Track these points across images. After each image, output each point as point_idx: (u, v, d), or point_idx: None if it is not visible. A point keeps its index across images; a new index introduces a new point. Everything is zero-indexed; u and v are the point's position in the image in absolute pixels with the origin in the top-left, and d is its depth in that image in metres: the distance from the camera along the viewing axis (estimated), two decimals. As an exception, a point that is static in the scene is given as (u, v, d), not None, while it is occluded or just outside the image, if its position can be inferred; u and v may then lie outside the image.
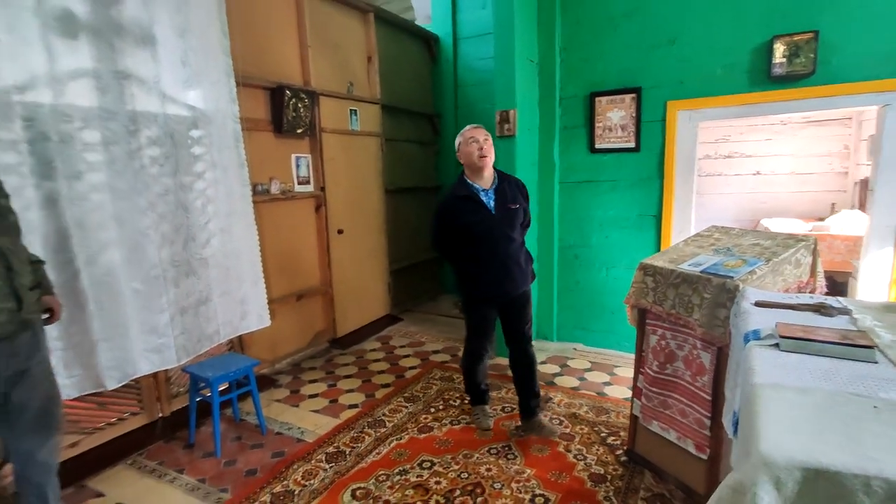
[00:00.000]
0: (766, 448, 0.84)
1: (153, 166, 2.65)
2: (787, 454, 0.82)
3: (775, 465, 0.81)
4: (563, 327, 3.91)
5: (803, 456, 0.81)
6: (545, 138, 3.69)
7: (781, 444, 0.84)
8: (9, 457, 1.95)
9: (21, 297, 1.71)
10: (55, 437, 1.95)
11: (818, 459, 0.80)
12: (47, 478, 1.95)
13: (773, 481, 0.81)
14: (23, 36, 2.12)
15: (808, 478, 0.80)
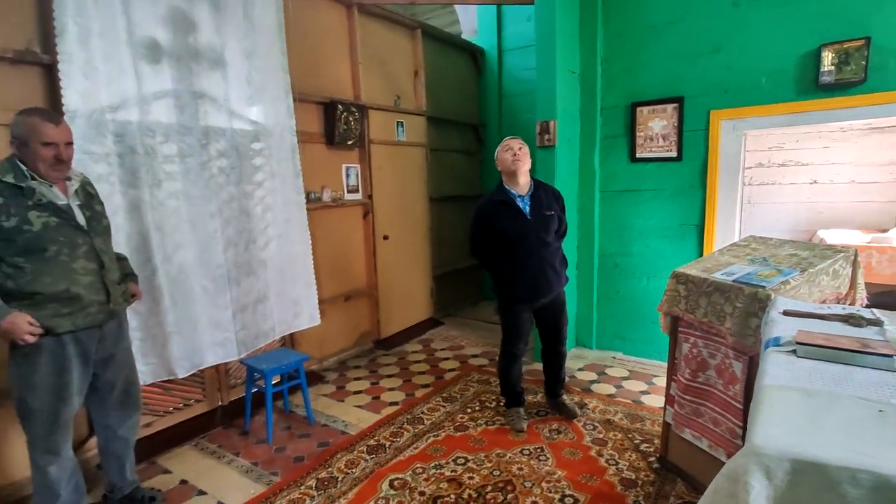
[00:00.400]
0: (758, 439, 0.91)
1: (221, 176, 2.92)
2: (777, 445, 0.88)
3: (766, 456, 0.88)
4: (602, 336, 3.92)
5: (794, 448, 0.87)
6: (586, 148, 3.75)
7: (774, 436, 0.91)
8: (94, 431, 2.23)
9: (110, 290, 1.98)
10: (135, 415, 2.22)
11: (808, 452, 0.86)
12: (126, 451, 2.22)
13: (764, 470, 0.87)
14: (118, 64, 2.43)
15: (798, 469, 0.86)
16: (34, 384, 1.82)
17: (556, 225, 2.66)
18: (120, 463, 2.20)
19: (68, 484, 1.96)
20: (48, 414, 1.85)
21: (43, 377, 1.82)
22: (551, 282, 2.65)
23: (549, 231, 2.62)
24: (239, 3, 2.94)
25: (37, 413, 1.84)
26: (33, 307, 1.78)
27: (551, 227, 2.63)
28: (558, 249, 2.73)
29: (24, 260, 1.76)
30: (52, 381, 1.84)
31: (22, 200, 1.76)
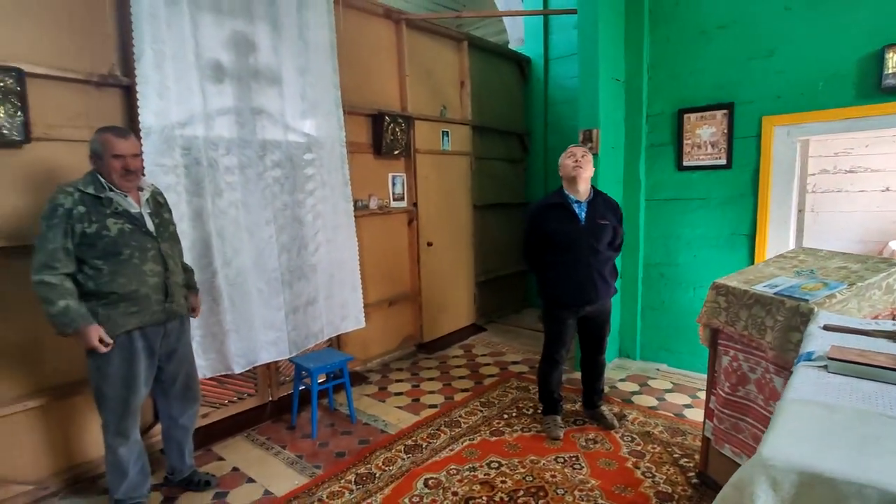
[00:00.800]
0: (766, 451, 0.91)
1: (275, 185, 3.13)
2: (785, 457, 0.89)
3: (773, 467, 0.89)
4: (646, 347, 3.84)
5: (802, 460, 0.87)
6: (631, 156, 3.70)
7: (783, 448, 0.91)
8: (158, 419, 2.44)
9: (172, 292, 2.18)
10: (194, 406, 2.42)
11: (816, 465, 0.86)
12: (186, 438, 2.42)
13: (770, 482, 0.88)
14: (187, 84, 2.67)
15: (805, 482, 0.86)
16: (107, 374, 2.04)
17: (611, 235, 2.67)
18: (180, 449, 2.40)
19: (135, 464, 2.17)
20: (119, 401, 2.07)
21: (115, 368, 2.04)
22: (598, 290, 2.65)
23: (601, 240, 2.63)
24: (294, 24, 3.15)
25: (110, 400, 2.06)
26: (108, 306, 2.00)
27: (604, 237, 2.64)
28: (609, 259, 2.72)
29: (103, 262, 1.98)
30: (123, 372, 2.06)
31: (101, 209, 1.98)
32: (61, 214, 1.91)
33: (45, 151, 2.32)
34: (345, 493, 2.33)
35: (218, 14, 2.79)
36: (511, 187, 5.39)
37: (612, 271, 2.76)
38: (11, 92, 2.16)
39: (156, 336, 2.15)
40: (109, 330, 2.00)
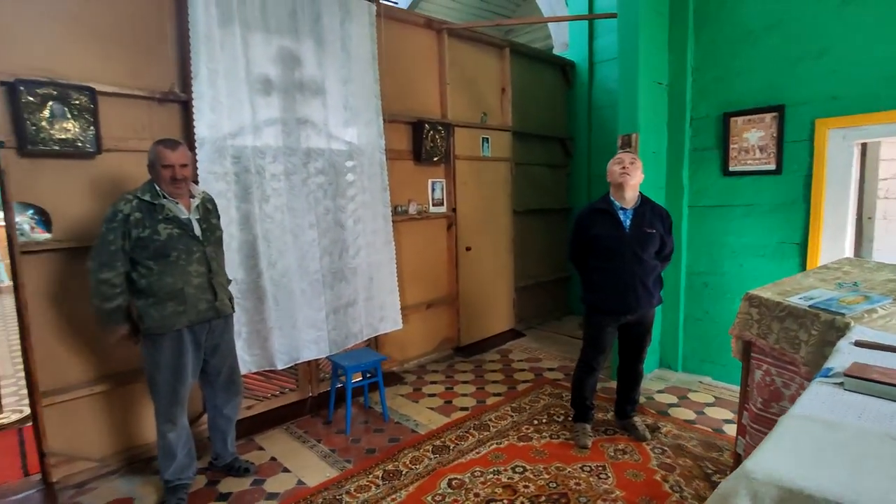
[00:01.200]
0: (750, 464, 0.91)
1: (318, 191, 3.30)
2: (767, 471, 0.88)
3: (755, 480, 0.88)
4: (689, 358, 3.71)
5: (783, 475, 0.86)
6: (673, 161, 3.60)
7: (767, 462, 0.90)
8: (205, 409, 2.64)
9: (216, 291, 2.36)
10: (236, 398, 2.59)
11: (796, 481, 0.84)
12: (229, 427, 2.60)
13: (752, 495, 0.87)
14: (237, 98, 2.88)
15: (784, 497, 0.85)
16: (159, 365, 2.24)
17: (657, 244, 2.62)
18: (223, 437, 2.59)
19: (183, 448, 2.36)
20: (168, 389, 2.26)
21: (165, 359, 2.24)
22: (640, 298, 2.61)
23: (647, 248, 2.59)
24: (338, 38, 3.31)
25: (160, 388, 2.26)
26: (157, 304, 2.20)
27: (649, 245, 2.59)
28: (654, 269, 2.66)
29: (154, 263, 2.19)
30: (172, 363, 2.25)
31: (154, 215, 2.19)
32: (120, 220, 2.13)
33: (114, 161, 2.58)
34: (371, 488, 2.42)
35: (266, 33, 2.98)
36: (553, 193, 5.35)
37: (656, 281, 2.70)
38: (85, 109, 2.42)
39: (202, 332, 2.34)
40: (163, 327, 2.20)
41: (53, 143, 2.36)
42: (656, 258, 2.66)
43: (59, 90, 2.34)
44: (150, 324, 2.20)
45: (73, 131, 2.40)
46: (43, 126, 2.32)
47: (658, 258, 2.67)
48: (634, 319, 2.68)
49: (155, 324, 2.19)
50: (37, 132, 2.31)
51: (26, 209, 2.37)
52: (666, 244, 2.68)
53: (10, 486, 2.50)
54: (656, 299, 2.72)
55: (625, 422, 2.88)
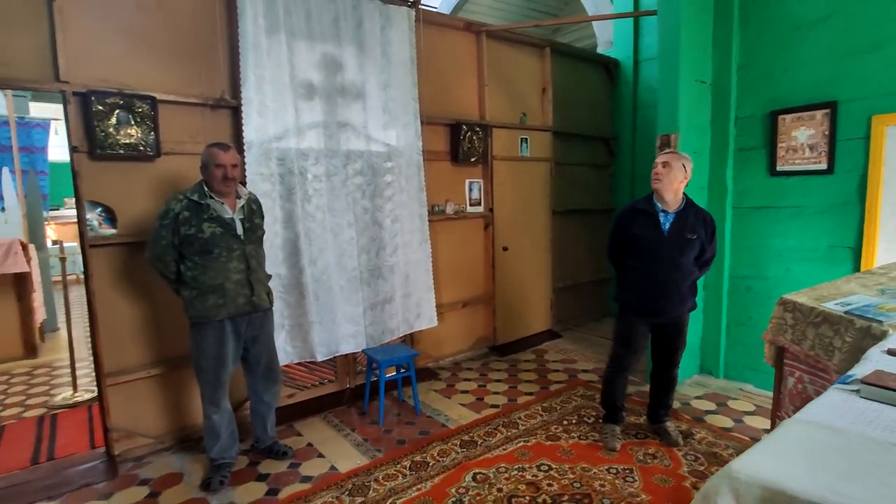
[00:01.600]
0: (735, 463, 0.92)
1: (357, 192, 3.43)
2: (751, 471, 0.89)
3: (737, 479, 0.89)
4: (731, 365, 3.58)
5: (766, 475, 0.87)
6: (717, 161, 3.48)
7: (752, 462, 0.91)
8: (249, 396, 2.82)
9: (254, 287, 2.52)
10: (275, 386, 2.76)
11: (779, 482, 0.85)
12: (268, 413, 2.77)
13: (733, 493, 0.89)
14: (282, 103, 3.05)
15: (767, 497, 0.85)
16: (203, 352, 2.43)
17: (696, 250, 2.57)
18: (263, 421, 2.76)
19: (226, 430, 2.54)
20: (212, 374, 2.44)
21: (208, 347, 2.42)
22: (672, 303, 2.57)
23: (685, 253, 2.53)
24: (378, 43, 3.44)
25: (204, 373, 2.45)
26: (200, 296, 2.38)
27: (688, 250, 2.53)
28: (691, 274, 2.60)
29: (199, 258, 2.37)
30: (215, 351, 2.43)
31: (200, 214, 2.37)
32: (171, 217, 2.33)
33: (171, 163, 2.81)
34: (398, 477, 2.51)
35: (310, 40, 3.14)
36: (595, 193, 5.28)
37: (691, 287, 2.64)
38: (147, 116, 2.65)
39: (241, 323, 2.50)
40: (205, 318, 2.39)
41: (119, 147, 2.60)
42: (695, 264, 2.60)
43: (124, 99, 2.58)
44: (194, 314, 2.40)
45: (136, 136, 2.64)
46: (110, 132, 2.57)
47: (696, 264, 2.61)
48: (666, 322, 2.64)
49: (198, 314, 2.39)
50: (105, 138, 2.56)
51: (95, 207, 2.63)
52: (706, 250, 2.61)
53: (79, 457, 2.77)
54: (689, 305, 2.66)
55: (657, 426, 2.83)
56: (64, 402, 3.59)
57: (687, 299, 2.63)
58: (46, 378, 4.15)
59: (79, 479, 2.55)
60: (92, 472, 2.62)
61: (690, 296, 2.64)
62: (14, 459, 2.76)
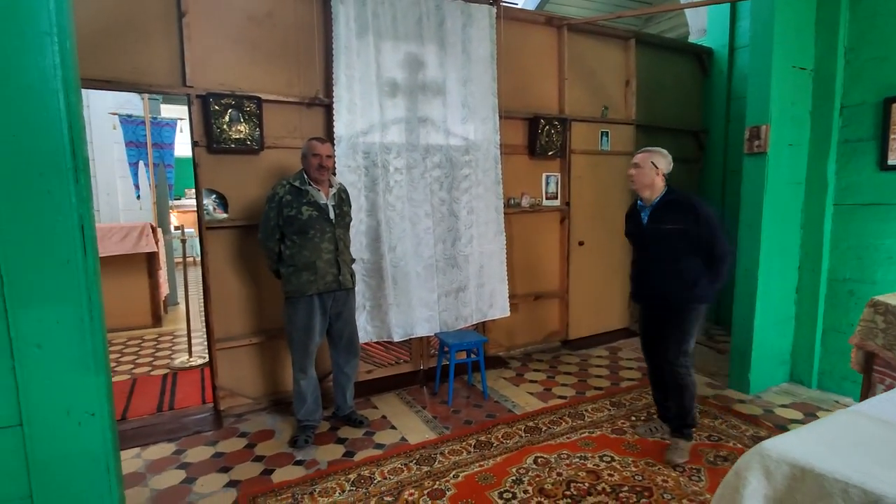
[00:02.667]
0: (767, 442, 0.94)
1: (435, 184, 3.61)
2: (782, 450, 0.91)
3: (767, 457, 0.92)
4: (826, 375, 3.30)
5: (795, 454, 0.89)
6: (817, 154, 3.22)
7: (785, 442, 0.93)
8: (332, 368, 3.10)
9: (340, 267, 2.78)
10: (354, 359, 3.01)
11: (807, 460, 0.87)
12: (348, 384, 3.04)
13: (763, 470, 0.92)
14: (369, 100, 3.30)
15: (796, 475, 0.88)
16: (295, 323, 2.73)
17: (684, 240, 2.50)
18: (343, 391, 3.03)
19: (312, 395, 2.83)
20: (301, 344, 2.74)
21: (300, 319, 2.72)
22: (655, 287, 2.64)
23: (661, 244, 2.56)
24: (459, 39, 3.58)
25: (295, 343, 2.75)
26: (295, 272, 2.68)
27: (664, 241, 2.55)
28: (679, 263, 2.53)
29: (298, 238, 2.67)
30: (305, 323, 2.73)
31: (300, 198, 2.67)
32: (276, 200, 2.66)
33: (272, 156, 3.16)
34: (463, 453, 2.66)
35: (395, 40, 3.36)
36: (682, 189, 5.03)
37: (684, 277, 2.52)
38: (253, 114, 3.01)
39: (328, 299, 2.78)
40: (298, 292, 2.68)
41: (231, 142, 2.98)
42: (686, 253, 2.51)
43: (235, 100, 2.95)
44: (290, 289, 2.70)
45: (244, 132, 3.01)
46: (224, 129, 2.95)
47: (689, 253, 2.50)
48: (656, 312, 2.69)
49: (293, 289, 2.69)
50: (220, 134, 2.95)
51: (210, 194, 3.03)
52: (703, 239, 2.48)
53: (193, 409, 3.23)
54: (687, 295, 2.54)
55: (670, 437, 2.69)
56: (181, 364, 4.15)
57: (674, 286, 2.54)
58: (168, 344, 4.80)
59: (192, 427, 2.98)
60: (202, 422, 3.05)
61: (683, 286, 2.53)
62: (144, 406, 3.28)
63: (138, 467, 2.58)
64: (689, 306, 2.57)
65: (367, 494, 2.31)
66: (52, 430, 1.38)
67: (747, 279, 3.29)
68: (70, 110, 1.38)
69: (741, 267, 3.34)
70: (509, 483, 2.37)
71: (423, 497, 2.28)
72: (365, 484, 2.39)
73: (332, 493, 2.32)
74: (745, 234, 3.29)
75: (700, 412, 3.04)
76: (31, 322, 1.32)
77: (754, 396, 3.29)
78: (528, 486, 2.34)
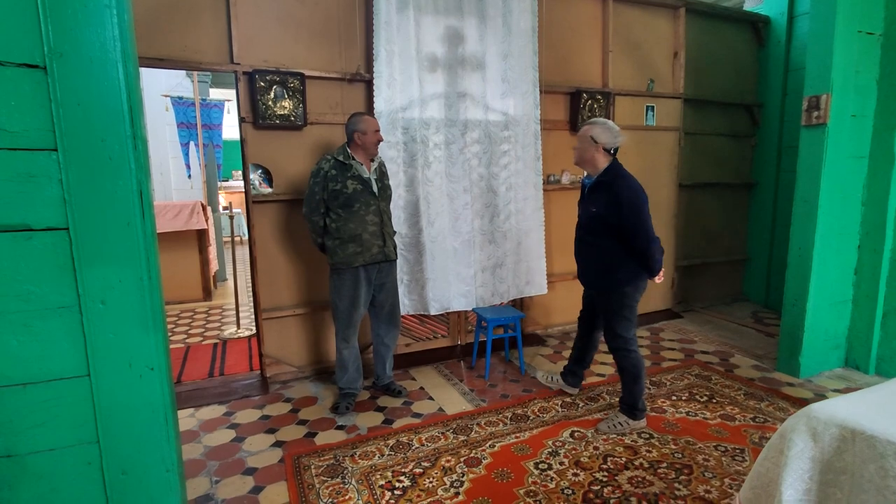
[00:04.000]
0: (816, 405, 0.91)
1: (474, 159, 3.60)
2: (830, 412, 0.88)
3: (815, 419, 0.89)
4: (886, 360, 3.13)
5: (844, 416, 0.86)
6: (883, 126, 3.01)
7: (836, 406, 0.90)
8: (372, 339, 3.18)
9: (385, 239, 2.83)
10: (394, 330, 3.08)
11: (857, 421, 0.84)
12: (388, 354, 3.11)
13: (811, 432, 0.89)
14: (408, 75, 3.30)
15: (845, 436, 0.85)
16: (341, 293, 2.81)
17: (601, 223, 2.46)
18: (383, 361, 3.10)
19: (353, 364, 2.92)
20: (346, 314, 2.82)
21: (346, 290, 2.80)
22: (585, 275, 2.69)
23: (587, 225, 2.59)
24: (499, 12, 3.52)
25: (340, 313, 2.83)
26: (342, 245, 2.75)
27: (588, 223, 2.58)
28: (598, 249, 2.53)
29: (343, 211, 2.73)
30: (350, 294, 2.80)
31: (344, 172, 2.72)
32: (322, 175, 2.72)
33: (315, 132, 3.23)
34: (499, 424, 2.69)
35: (435, 14, 3.34)
36: (733, 166, 4.83)
37: (608, 261, 2.50)
38: (297, 90, 3.07)
39: (373, 271, 2.84)
40: (345, 263, 2.76)
41: (275, 118, 3.06)
42: (614, 240, 2.45)
43: (280, 77, 3.02)
44: (336, 260, 2.78)
45: (288, 108, 3.08)
46: (269, 105, 3.03)
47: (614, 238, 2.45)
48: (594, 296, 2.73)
49: (340, 260, 2.76)
50: (265, 110, 3.03)
51: (257, 169, 3.14)
52: (623, 227, 2.39)
53: (241, 375, 3.40)
54: (601, 282, 2.56)
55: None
56: (230, 335, 4.36)
57: (596, 271, 2.57)
58: (218, 317, 5.03)
59: (241, 391, 3.14)
60: (250, 387, 3.20)
61: (603, 271, 2.52)
62: (197, 371, 3.48)
63: (193, 426, 2.74)
64: (611, 291, 2.52)
65: (406, 459, 2.38)
66: (116, 382, 1.49)
67: (801, 259, 3.13)
68: (128, 81, 1.45)
69: (794, 246, 3.19)
70: (545, 455, 2.39)
71: (460, 464, 2.33)
72: (403, 449, 2.46)
73: (372, 457, 2.40)
74: (800, 211, 3.13)
75: (745, 394, 2.96)
76: (96, 280, 1.41)
77: (805, 380, 3.16)
78: (563, 458, 2.35)
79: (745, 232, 5.00)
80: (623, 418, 2.60)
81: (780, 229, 4.63)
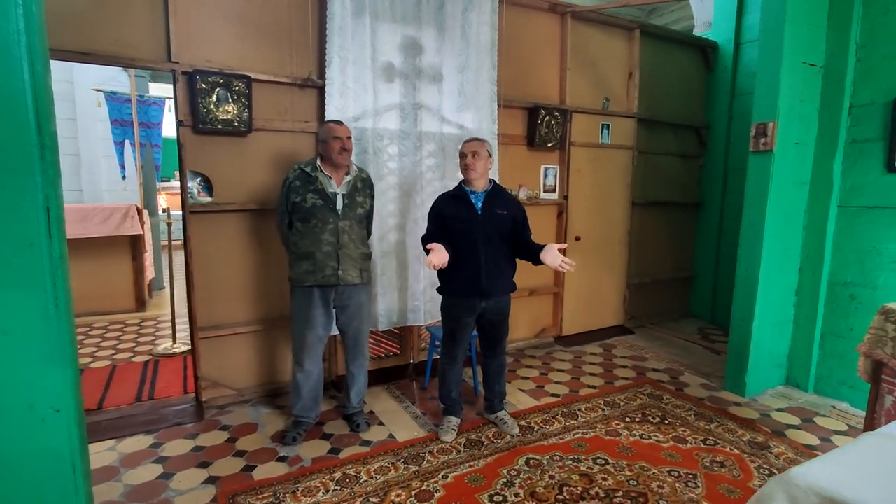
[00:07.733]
0: (795, 470, 0.85)
1: (428, 173, 3.49)
2: (810, 479, 0.82)
3: (796, 486, 0.83)
4: (823, 380, 3.26)
5: (824, 484, 0.80)
6: (823, 153, 3.14)
7: (813, 471, 0.84)
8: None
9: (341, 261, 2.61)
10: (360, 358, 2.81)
11: (837, 490, 0.78)
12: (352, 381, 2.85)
13: (790, 500, 0.83)
14: (363, 84, 3.16)
15: (826, 506, 0.79)
16: (294, 312, 2.64)
17: (510, 226, 2.67)
18: (348, 390, 2.84)
19: (308, 392, 2.67)
20: (299, 335, 2.63)
21: (298, 308, 2.62)
22: (494, 282, 2.66)
23: (499, 228, 2.65)
24: (458, 25, 3.44)
25: (294, 333, 2.65)
26: (297, 261, 2.59)
27: (501, 225, 2.66)
28: (507, 252, 2.72)
29: (301, 225, 2.57)
30: (303, 314, 2.61)
31: (308, 185, 2.55)
32: (287, 185, 2.58)
33: (261, 138, 3.03)
34: (452, 452, 2.58)
35: (393, 22, 3.22)
36: (682, 185, 4.97)
37: (510, 265, 2.78)
38: (242, 94, 2.87)
39: (330, 293, 2.64)
40: (297, 281, 2.58)
41: (218, 122, 2.84)
42: (511, 242, 2.69)
43: (224, 79, 2.81)
44: (291, 276, 2.63)
45: (232, 113, 2.87)
46: (211, 108, 2.81)
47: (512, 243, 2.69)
48: (490, 307, 2.68)
49: (293, 277, 2.61)
50: (206, 113, 2.80)
51: (196, 176, 2.90)
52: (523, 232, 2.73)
53: (173, 399, 3.12)
54: (510, 285, 2.76)
55: (494, 415, 2.89)
56: (164, 351, 4.03)
57: (508, 279, 2.75)
58: (152, 329, 4.67)
59: (172, 418, 2.87)
60: (183, 413, 2.94)
61: (510, 275, 2.77)
62: (122, 395, 3.17)
63: (112, 461, 2.47)
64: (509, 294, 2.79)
65: (353, 494, 2.22)
66: (13, 427, 1.28)
67: (747, 280, 3.22)
68: (36, 81, 1.25)
69: (741, 268, 3.27)
70: (500, 486, 2.30)
71: (411, 498, 2.19)
72: (350, 483, 2.30)
73: (316, 493, 2.23)
74: (747, 234, 3.22)
75: (695, 414, 2.99)
76: (-8, 308, 1.20)
77: (750, 399, 3.23)
78: (518, 489, 2.26)
79: (692, 250, 5.16)
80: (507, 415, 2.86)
81: (725, 248, 4.80)
